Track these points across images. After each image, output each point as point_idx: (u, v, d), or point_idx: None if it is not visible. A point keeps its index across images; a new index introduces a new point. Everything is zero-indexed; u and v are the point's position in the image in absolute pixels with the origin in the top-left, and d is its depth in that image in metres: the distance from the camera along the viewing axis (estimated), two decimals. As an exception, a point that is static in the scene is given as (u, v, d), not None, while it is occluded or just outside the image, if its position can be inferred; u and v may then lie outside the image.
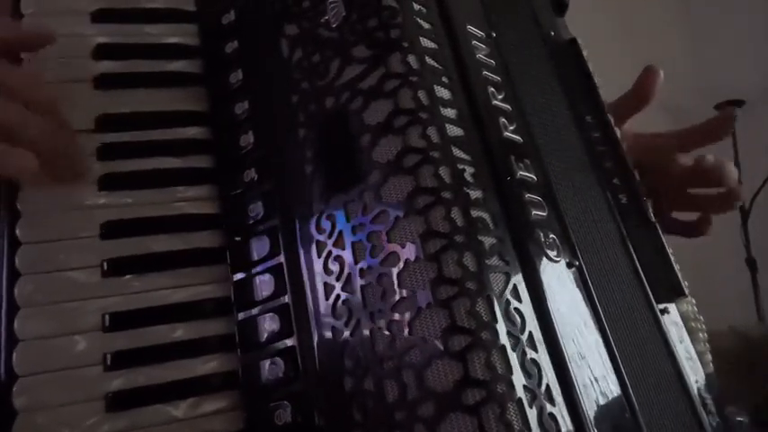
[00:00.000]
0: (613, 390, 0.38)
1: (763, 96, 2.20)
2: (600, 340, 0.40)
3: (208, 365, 0.40)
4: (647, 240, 0.50)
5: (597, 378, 0.37)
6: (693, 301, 0.52)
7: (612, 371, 0.38)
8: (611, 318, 0.41)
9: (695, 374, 0.47)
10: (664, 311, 0.47)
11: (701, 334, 0.51)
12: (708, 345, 0.51)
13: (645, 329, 0.45)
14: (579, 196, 0.47)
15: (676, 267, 0.51)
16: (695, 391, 0.46)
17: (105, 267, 0.41)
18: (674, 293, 0.50)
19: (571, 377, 0.34)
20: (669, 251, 0.51)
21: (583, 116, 0.53)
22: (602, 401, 0.36)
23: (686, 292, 0.50)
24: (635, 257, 0.48)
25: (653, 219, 0.52)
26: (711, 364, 0.50)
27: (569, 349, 0.36)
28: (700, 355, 0.50)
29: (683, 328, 0.50)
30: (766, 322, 2.25)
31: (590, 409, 0.34)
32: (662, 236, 0.52)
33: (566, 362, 0.35)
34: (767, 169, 2.17)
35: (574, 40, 0.58)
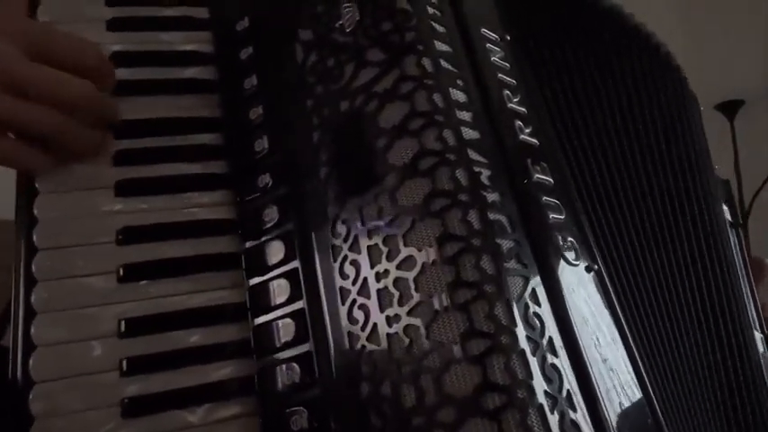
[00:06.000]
0: (636, 397, 0.38)
1: (763, 96, 2.18)
2: (621, 346, 0.39)
3: (224, 371, 0.40)
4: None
5: (620, 385, 0.36)
6: None
7: (635, 377, 0.38)
8: (638, 325, 0.40)
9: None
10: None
11: None
12: None
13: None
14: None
15: None
16: None
17: (121, 273, 0.41)
18: None
19: (593, 383, 0.34)
20: None
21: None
22: (624, 409, 0.35)
23: None
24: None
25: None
26: None
27: (591, 355, 0.35)
28: None
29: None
30: (766, 322, 2.22)
31: (613, 416, 0.34)
32: None
33: (587, 367, 0.34)
34: (767, 169, 2.14)
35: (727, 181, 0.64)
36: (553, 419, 0.31)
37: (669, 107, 0.56)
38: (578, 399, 0.33)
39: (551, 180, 0.41)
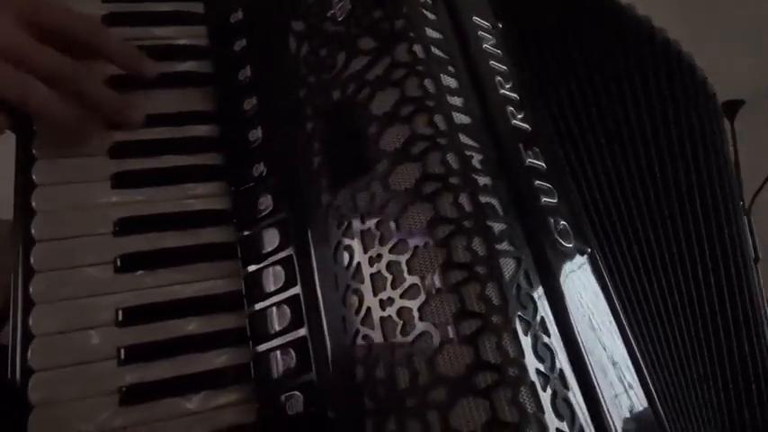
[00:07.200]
0: (632, 380, 0.38)
1: (764, 96, 2.18)
2: (616, 328, 0.39)
3: (220, 359, 0.40)
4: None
5: (614, 365, 0.36)
6: None
7: (629, 360, 0.38)
8: (635, 310, 0.41)
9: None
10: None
11: None
12: None
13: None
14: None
15: None
16: None
17: (118, 263, 0.41)
18: None
19: (585, 361, 0.34)
20: None
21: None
22: (617, 383, 0.35)
23: None
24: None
25: None
26: None
27: (584, 335, 0.35)
28: None
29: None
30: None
31: (606, 393, 0.34)
32: None
33: (580, 347, 0.34)
34: (767, 169, 2.15)
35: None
36: (545, 397, 0.31)
37: (701, 122, 0.55)
38: (571, 377, 0.33)
39: (544, 165, 0.41)
